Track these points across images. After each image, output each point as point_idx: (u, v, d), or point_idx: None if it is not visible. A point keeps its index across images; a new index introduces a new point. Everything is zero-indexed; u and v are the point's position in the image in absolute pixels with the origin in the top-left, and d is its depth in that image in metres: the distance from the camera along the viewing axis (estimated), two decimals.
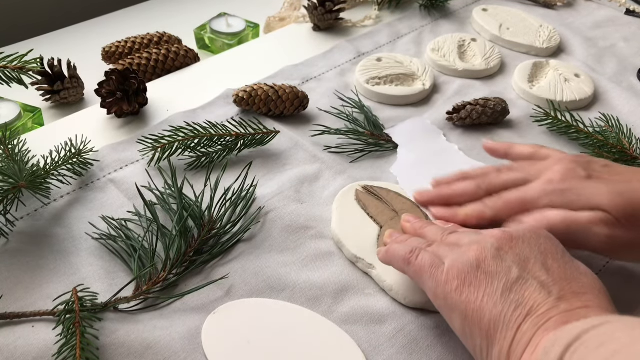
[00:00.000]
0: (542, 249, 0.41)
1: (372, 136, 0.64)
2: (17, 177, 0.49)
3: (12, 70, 0.53)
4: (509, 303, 0.38)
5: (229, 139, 0.60)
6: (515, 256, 0.41)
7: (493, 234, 0.43)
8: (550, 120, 0.67)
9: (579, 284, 0.39)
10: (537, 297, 0.38)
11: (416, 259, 0.44)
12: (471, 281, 0.40)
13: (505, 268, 0.40)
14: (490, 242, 0.42)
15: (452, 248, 0.44)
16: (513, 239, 0.42)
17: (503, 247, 0.41)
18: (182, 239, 0.50)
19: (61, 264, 0.50)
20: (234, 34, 0.81)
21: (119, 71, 0.63)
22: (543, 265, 0.40)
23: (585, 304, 0.38)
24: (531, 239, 0.42)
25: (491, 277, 0.40)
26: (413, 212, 0.55)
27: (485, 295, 0.39)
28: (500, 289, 0.39)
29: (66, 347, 0.41)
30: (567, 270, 0.40)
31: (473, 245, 0.42)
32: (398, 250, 0.46)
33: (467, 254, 0.41)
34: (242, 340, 0.45)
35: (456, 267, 0.41)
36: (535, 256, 0.41)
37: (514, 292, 0.39)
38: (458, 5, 0.91)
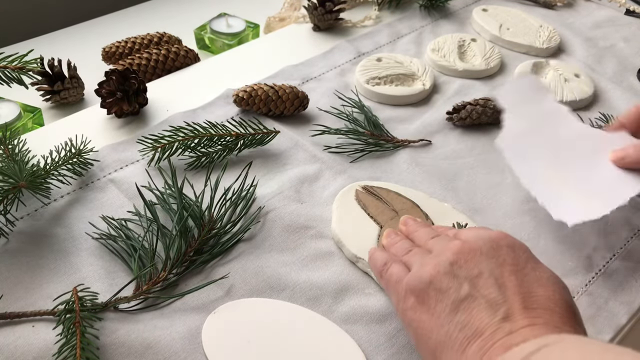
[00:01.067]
0: (500, 260, 0.39)
1: (372, 136, 0.64)
2: (17, 177, 0.49)
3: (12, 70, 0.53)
4: (455, 324, 0.37)
5: (229, 139, 0.60)
6: (468, 271, 0.39)
7: (452, 246, 0.41)
8: None
9: (532, 298, 0.37)
10: (483, 317, 0.37)
11: (386, 272, 0.44)
12: (423, 298, 0.39)
13: (456, 285, 0.38)
14: (446, 256, 0.40)
15: (422, 257, 0.43)
16: (471, 251, 0.40)
17: (458, 261, 0.40)
18: (182, 238, 0.50)
19: (61, 264, 0.50)
20: (234, 34, 0.81)
21: (119, 71, 0.63)
22: (496, 281, 0.38)
23: (532, 321, 0.36)
24: (490, 249, 0.40)
25: (441, 294, 0.39)
26: (413, 212, 0.55)
27: (434, 314, 0.38)
28: (449, 308, 0.38)
29: (66, 346, 0.41)
30: (523, 283, 0.38)
31: (431, 259, 0.41)
32: (376, 260, 0.46)
33: (423, 268, 0.41)
34: (242, 340, 0.45)
35: (412, 283, 0.41)
36: (490, 269, 0.39)
37: (460, 312, 0.37)
38: (458, 5, 0.91)
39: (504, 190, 0.61)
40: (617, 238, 0.57)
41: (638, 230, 0.58)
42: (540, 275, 0.39)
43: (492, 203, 0.59)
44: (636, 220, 0.58)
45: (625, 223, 0.58)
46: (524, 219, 0.58)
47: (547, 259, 0.53)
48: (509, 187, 0.61)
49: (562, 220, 0.50)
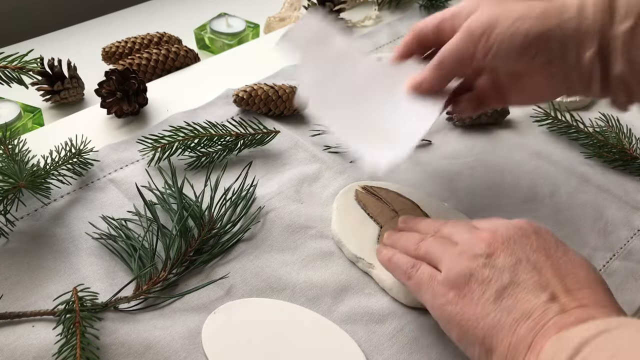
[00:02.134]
0: (533, 246, 0.40)
1: None
2: (17, 177, 0.49)
3: (12, 70, 0.53)
4: (502, 309, 0.38)
5: (229, 139, 0.60)
6: (506, 260, 0.40)
7: (483, 237, 0.42)
8: (550, 120, 0.67)
9: (574, 279, 0.39)
10: (529, 299, 0.38)
11: (416, 273, 0.44)
12: (465, 292, 0.40)
13: (496, 274, 0.39)
14: (480, 248, 0.41)
15: (444, 248, 0.43)
16: (504, 241, 0.41)
17: (494, 252, 0.40)
18: (182, 238, 0.50)
19: (61, 264, 0.50)
20: (234, 34, 0.81)
21: (119, 71, 0.63)
22: (534, 266, 0.39)
23: (581, 302, 0.37)
24: (522, 237, 0.41)
25: (484, 285, 0.39)
26: (413, 212, 0.55)
27: (479, 305, 0.39)
28: (493, 296, 0.39)
29: (66, 346, 0.42)
30: (560, 266, 0.39)
31: (464, 253, 0.41)
32: (400, 263, 0.46)
33: (459, 263, 0.41)
34: (242, 339, 0.45)
35: (449, 278, 0.41)
36: (527, 256, 0.40)
37: (506, 298, 0.38)
38: None
39: (504, 190, 0.61)
40: (617, 238, 0.57)
41: (638, 230, 0.58)
42: (572, 258, 0.40)
43: (492, 203, 0.59)
44: (636, 220, 0.58)
45: (625, 223, 0.58)
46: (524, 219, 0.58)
47: None
48: (509, 187, 0.61)
49: (376, 165, 0.47)
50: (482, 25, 0.45)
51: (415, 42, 0.52)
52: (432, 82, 0.50)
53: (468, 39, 0.46)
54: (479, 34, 0.45)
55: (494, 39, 0.45)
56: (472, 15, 0.46)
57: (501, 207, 0.59)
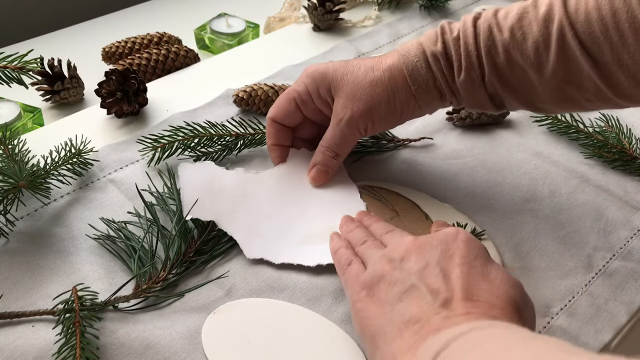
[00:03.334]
0: (449, 252, 0.40)
1: (373, 135, 0.64)
2: (17, 177, 0.49)
3: (12, 70, 0.53)
4: (396, 311, 0.38)
5: (229, 139, 0.60)
6: (415, 264, 0.40)
7: (405, 241, 0.42)
8: (550, 120, 0.67)
9: (475, 290, 0.38)
10: (422, 304, 0.38)
11: (347, 269, 0.45)
12: (375, 291, 0.41)
13: (403, 277, 0.40)
14: (398, 251, 0.42)
15: (376, 251, 0.44)
16: (422, 245, 0.41)
17: (408, 255, 0.41)
18: (182, 239, 0.50)
19: (61, 264, 0.50)
20: (234, 34, 0.81)
21: (119, 71, 0.63)
22: (441, 271, 0.39)
23: (469, 310, 0.36)
24: (442, 242, 0.41)
25: (390, 286, 0.40)
26: (413, 212, 0.55)
27: (379, 304, 0.40)
28: (394, 298, 0.39)
29: (66, 346, 0.42)
30: (468, 276, 0.39)
31: (384, 257, 0.42)
32: (340, 257, 0.47)
33: (377, 265, 0.42)
34: (242, 339, 0.45)
35: (365, 278, 0.42)
36: (437, 260, 0.40)
37: (403, 301, 0.38)
38: (458, 5, 0.91)
39: (504, 190, 0.61)
40: (617, 238, 0.57)
41: (638, 230, 0.58)
42: (488, 271, 0.40)
43: (492, 203, 0.59)
44: (636, 220, 0.58)
45: (625, 223, 0.58)
46: (524, 219, 0.58)
47: (547, 259, 0.54)
48: (509, 187, 0.61)
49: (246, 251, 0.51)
50: (361, 116, 0.52)
51: (280, 129, 0.57)
52: (334, 170, 0.56)
53: (352, 128, 0.53)
54: (362, 125, 0.53)
55: (377, 123, 0.53)
56: (337, 104, 0.53)
57: (501, 207, 0.59)
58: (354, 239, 0.49)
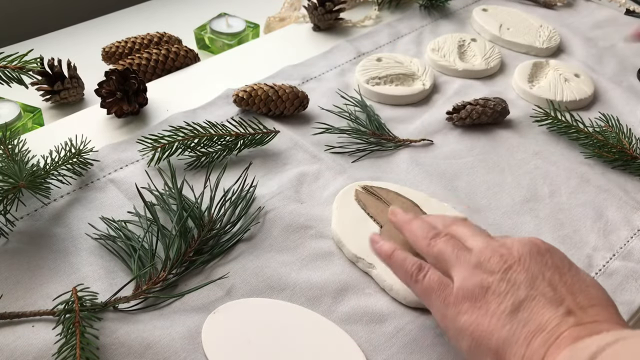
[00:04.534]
0: (548, 264, 0.41)
1: (374, 135, 0.64)
2: (17, 177, 0.49)
3: (12, 70, 0.53)
4: (517, 321, 0.38)
5: (229, 139, 0.60)
6: (521, 275, 0.40)
7: (499, 250, 0.42)
8: (550, 120, 0.67)
9: (587, 296, 0.39)
10: (544, 313, 0.38)
11: (424, 278, 0.43)
12: (481, 303, 0.40)
13: (513, 288, 0.40)
14: (497, 262, 0.41)
15: (458, 253, 0.43)
16: (520, 257, 0.41)
17: (511, 266, 0.41)
18: (182, 239, 0.50)
19: (61, 264, 0.50)
20: (234, 34, 0.81)
21: (119, 71, 0.63)
22: (550, 282, 0.40)
23: (594, 318, 0.37)
24: (537, 254, 0.41)
25: (500, 297, 0.39)
26: (413, 211, 0.55)
27: (494, 317, 0.39)
28: (509, 309, 0.39)
29: (66, 346, 0.41)
30: (574, 284, 0.40)
31: (480, 265, 0.41)
32: (405, 263, 0.45)
33: (476, 274, 0.41)
34: (242, 340, 0.45)
35: (465, 289, 0.41)
36: (543, 273, 0.40)
37: (521, 311, 0.38)
38: (458, 5, 0.91)
39: (504, 190, 0.61)
40: (617, 238, 0.57)
41: (638, 230, 0.58)
42: (584, 277, 0.41)
43: (492, 203, 0.59)
44: (636, 220, 0.58)
45: (625, 223, 0.58)
46: (524, 219, 0.58)
47: None
48: (509, 187, 0.61)
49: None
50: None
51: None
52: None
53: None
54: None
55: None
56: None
57: (501, 207, 0.59)
58: (419, 235, 0.46)
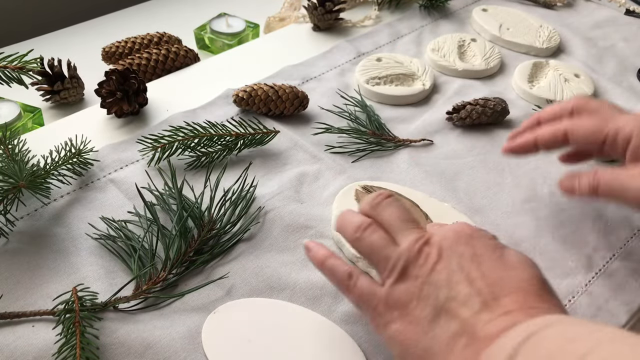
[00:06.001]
0: (467, 255, 0.39)
1: (374, 135, 0.64)
2: (17, 177, 0.49)
3: (12, 70, 0.53)
4: (439, 327, 0.37)
5: (229, 139, 0.60)
6: (444, 274, 0.39)
7: (422, 249, 0.40)
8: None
9: (503, 283, 0.37)
10: (461, 313, 0.37)
11: (354, 287, 0.42)
12: (408, 310, 0.39)
13: (434, 291, 0.38)
14: (421, 265, 0.39)
15: (385, 251, 0.41)
16: (442, 253, 0.40)
17: (435, 267, 0.39)
18: (182, 239, 0.50)
19: (61, 264, 0.50)
20: (234, 34, 0.81)
21: (119, 71, 0.63)
22: (467, 276, 0.38)
23: (507, 308, 0.36)
24: (457, 245, 0.40)
25: (423, 303, 0.38)
26: (413, 211, 0.55)
27: (418, 324, 0.38)
28: (430, 315, 0.38)
29: (66, 346, 0.42)
30: (492, 272, 0.38)
31: (405, 270, 0.40)
32: (336, 270, 0.43)
33: (401, 281, 0.40)
34: (242, 339, 0.45)
35: (393, 297, 0.40)
36: (461, 267, 0.39)
37: (442, 315, 0.37)
38: (458, 5, 0.91)
39: (504, 190, 0.61)
40: (617, 238, 0.57)
41: (638, 230, 0.58)
42: (507, 259, 0.39)
43: (492, 203, 0.59)
44: (636, 220, 0.58)
45: (625, 223, 0.58)
46: (524, 219, 0.58)
47: (547, 258, 0.54)
48: (509, 187, 0.61)
49: None
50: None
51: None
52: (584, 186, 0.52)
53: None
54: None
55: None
56: None
57: (501, 207, 0.59)
58: (349, 223, 0.44)
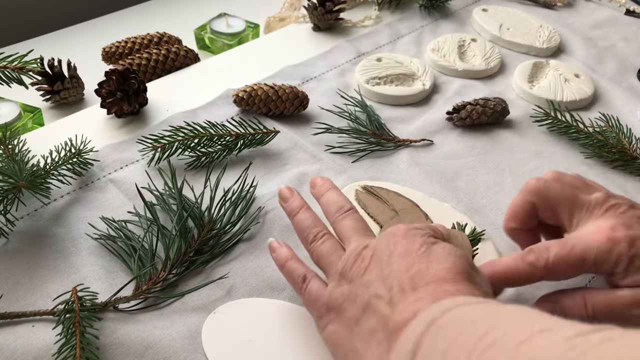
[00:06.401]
0: (394, 252, 0.39)
1: (374, 135, 0.64)
2: (17, 177, 0.49)
3: (12, 70, 0.53)
4: (360, 326, 0.38)
5: (229, 139, 0.60)
6: (374, 274, 0.39)
7: (360, 253, 0.41)
8: (550, 120, 0.67)
9: (422, 274, 0.37)
10: (379, 309, 0.37)
11: (305, 290, 0.43)
12: (341, 311, 0.40)
13: (365, 291, 0.39)
14: (357, 267, 0.40)
15: (333, 259, 0.43)
16: (375, 253, 0.40)
17: (368, 267, 0.40)
18: (182, 239, 0.50)
19: (61, 264, 0.50)
20: (234, 34, 0.81)
21: (119, 71, 0.63)
22: (390, 273, 0.38)
23: (418, 297, 0.36)
24: (388, 245, 0.40)
25: (352, 303, 0.39)
26: (413, 211, 0.55)
27: (347, 324, 0.39)
28: (356, 314, 0.38)
29: (66, 346, 0.42)
30: (413, 266, 0.38)
31: (343, 275, 0.41)
32: (292, 273, 0.45)
33: (340, 284, 0.41)
34: (242, 339, 0.45)
35: (331, 300, 0.41)
36: (390, 265, 0.39)
37: (365, 314, 0.38)
38: (458, 5, 0.91)
39: (504, 190, 0.61)
40: None
41: None
42: (431, 251, 0.39)
43: (492, 203, 0.59)
44: None
45: None
46: None
47: None
48: (509, 187, 0.61)
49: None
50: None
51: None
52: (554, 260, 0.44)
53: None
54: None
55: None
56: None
57: (501, 207, 0.59)
58: (302, 234, 0.46)
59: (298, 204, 0.48)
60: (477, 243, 0.52)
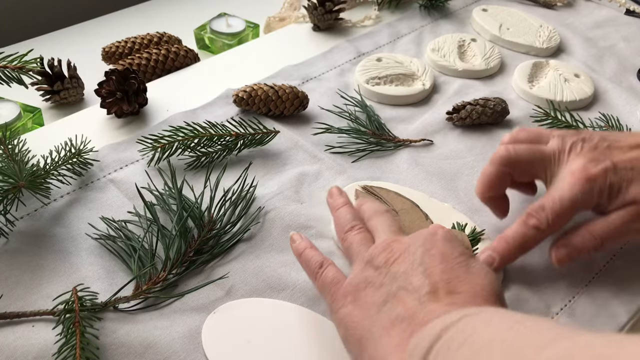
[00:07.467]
0: (431, 251, 0.40)
1: (374, 135, 0.64)
2: (17, 177, 0.49)
3: (12, 70, 0.53)
4: (383, 312, 0.38)
5: (229, 139, 0.60)
6: (404, 266, 0.40)
7: (391, 246, 0.42)
8: (550, 120, 0.67)
9: (459, 282, 0.38)
10: (408, 301, 0.38)
11: (321, 275, 0.44)
12: (360, 296, 0.40)
13: (391, 281, 0.40)
14: (383, 257, 0.41)
15: (362, 248, 0.44)
16: (406, 248, 0.41)
17: (397, 259, 0.41)
18: (182, 239, 0.50)
19: (61, 264, 0.50)
20: (234, 34, 0.81)
21: (119, 71, 0.63)
22: (425, 270, 0.39)
23: (453, 301, 0.37)
24: (425, 242, 0.41)
25: (376, 290, 0.40)
26: (413, 211, 0.55)
27: (365, 308, 0.39)
28: (380, 300, 0.39)
29: (66, 346, 0.42)
30: (451, 270, 0.39)
31: (369, 263, 0.42)
32: (309, 260, 0.46)
33: (363, 271, 0.42)
34: (242, 339, 0.45)
35: (352, 284, 0.42)
36: (421, 261, 0.40)
37: (390, 301, 0.39)
38: (458, 5, 0.91)
39: None
40: None
41: None
42: (470, 264, 0.40)
43: None
44: None
45: None
46: None
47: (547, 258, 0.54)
48: None
49: None
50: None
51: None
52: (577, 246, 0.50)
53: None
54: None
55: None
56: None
57: None
58: (339, 224, 0.49)
59: (343, 201, 0.51)
60: (477, 243, 0.52)
